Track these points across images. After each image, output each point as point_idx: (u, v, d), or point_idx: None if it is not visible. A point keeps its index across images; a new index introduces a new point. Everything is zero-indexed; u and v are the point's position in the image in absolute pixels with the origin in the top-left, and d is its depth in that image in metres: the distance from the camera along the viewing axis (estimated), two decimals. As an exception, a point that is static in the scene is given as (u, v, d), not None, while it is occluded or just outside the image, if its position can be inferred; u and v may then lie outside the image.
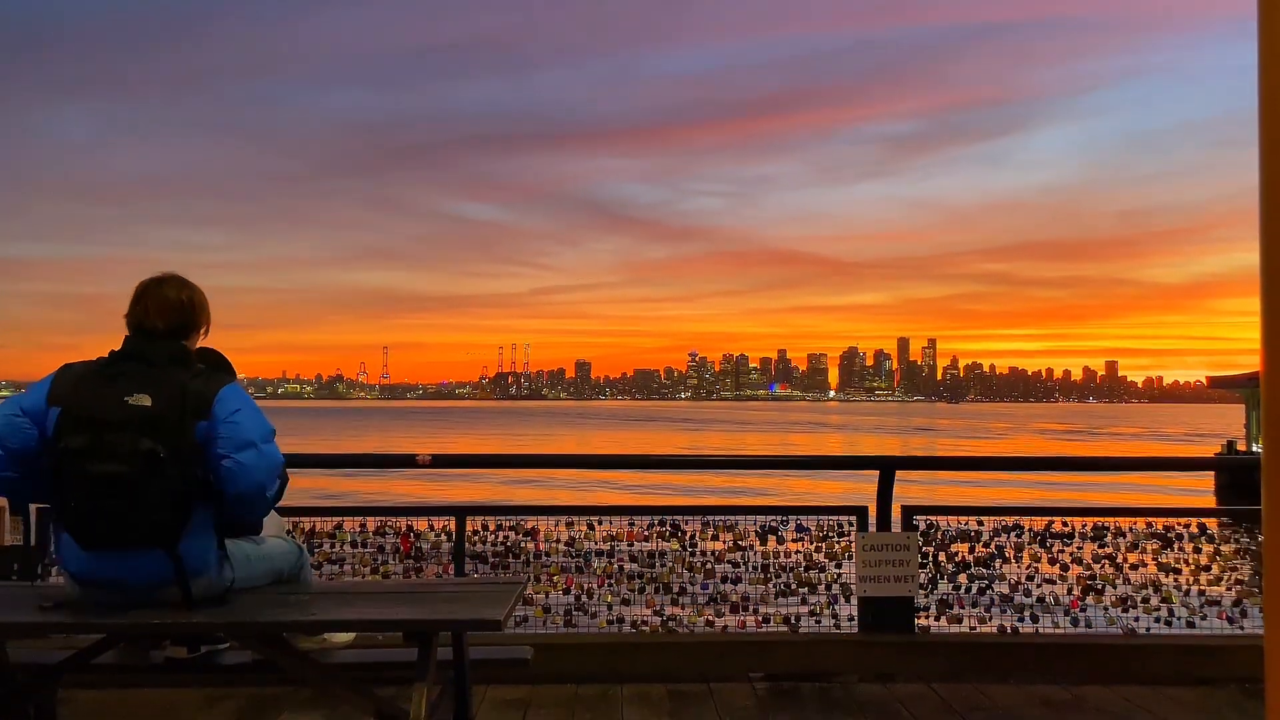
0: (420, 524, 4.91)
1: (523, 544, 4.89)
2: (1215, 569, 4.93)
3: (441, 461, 5.20)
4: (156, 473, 2.64)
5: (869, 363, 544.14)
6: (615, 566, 4.87)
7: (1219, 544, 4.99)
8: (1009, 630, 4.82)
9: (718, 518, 4.98)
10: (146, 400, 2.69)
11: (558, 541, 4.91)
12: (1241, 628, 4.79)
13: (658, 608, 4.82)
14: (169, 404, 2.71)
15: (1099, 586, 4.88)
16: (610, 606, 4.82)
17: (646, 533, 4.93)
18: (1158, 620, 4.84)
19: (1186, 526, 4.99)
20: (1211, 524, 5.05)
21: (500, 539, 4.88)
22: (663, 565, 4.88)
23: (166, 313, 2.89)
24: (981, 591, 4.87)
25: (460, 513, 4.86)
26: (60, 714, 3.34)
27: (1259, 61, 1.47)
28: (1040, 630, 4.83)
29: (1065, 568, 4.91)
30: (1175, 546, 4.95)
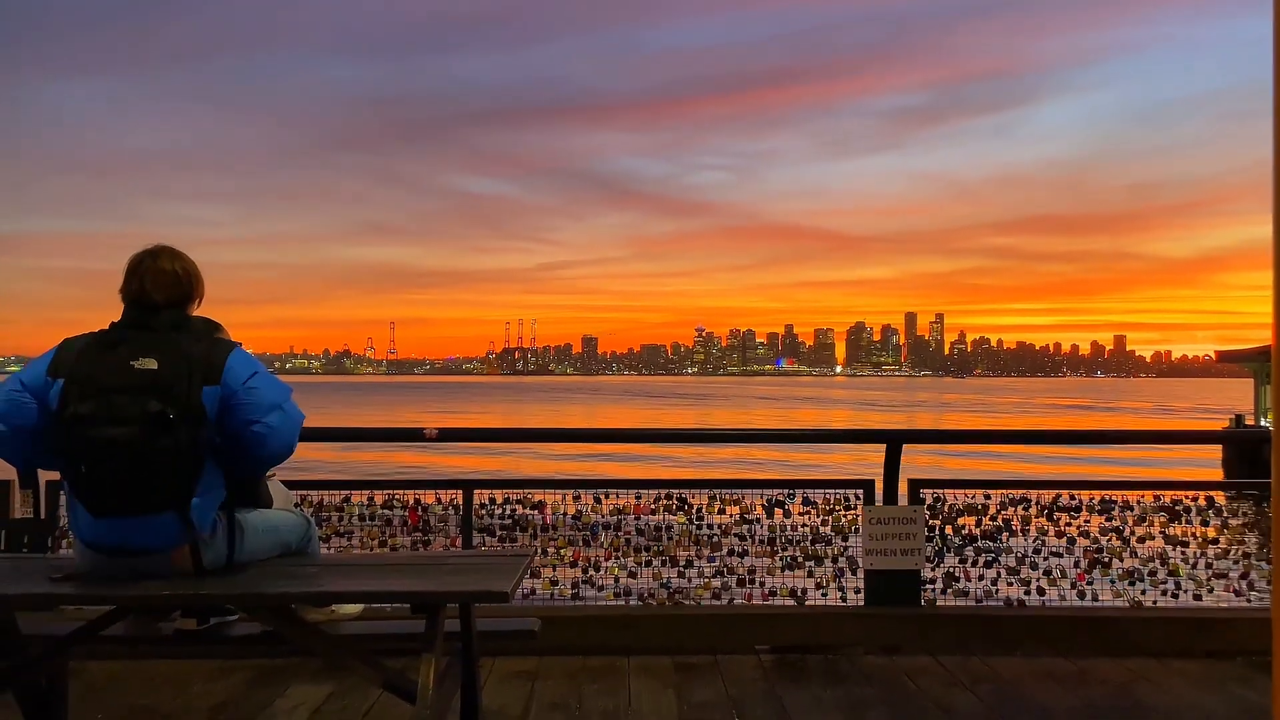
0: (428, 497, 4.92)
1: (530, 517, 4.90)
2: (1222, 542, 4.93)
3: (449, 436, 5.21)
4: (166, 434, 2.65)
5: (876, 338, 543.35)
6: (622, 539, 4.89)
7: (1226, 517, 4.99)
8: (1015, 603, 4.83)
9: (725, 491, 4.99)
10: (153, 364, 2.70)
11: (565, 514, 4.93)
12: (1248, 600, 4.80)
13: (664, 580, 4.84)
14: (175, 367, 2.71)
15: (1106, 559, 4.88)
16: (617, 579, 4.84)
17: (654, 506, 4.94)
18: (1164, 593, 4.85)
19: (1194, 500, 4.98)
20: (1219, 497, 5.05)
21: (508, 512, 4.90)
22: (670, 538, 4.90)
23: (164, 285, 2.88)
24: (988, 565, 4.88)
25: (468, 486, 4.88)
26: (71, 685, 3.38)
27: (1274, 32, 1.45)
28: (1047, 603, 4.83)
29: (1072, 541, 4.91)
30: (1183, 519, 4.94)
